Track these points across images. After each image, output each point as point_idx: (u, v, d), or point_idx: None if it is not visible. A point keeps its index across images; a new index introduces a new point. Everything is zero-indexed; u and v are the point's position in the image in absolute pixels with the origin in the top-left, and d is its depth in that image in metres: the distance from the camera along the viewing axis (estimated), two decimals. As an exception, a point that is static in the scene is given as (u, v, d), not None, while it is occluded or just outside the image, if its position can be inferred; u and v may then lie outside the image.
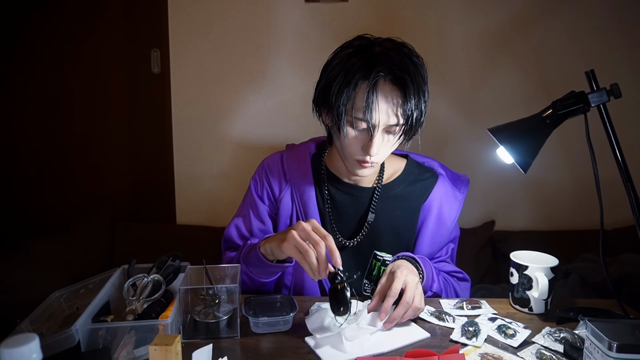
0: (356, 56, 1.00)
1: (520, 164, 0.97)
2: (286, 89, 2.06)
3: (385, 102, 0.98)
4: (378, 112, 0.98)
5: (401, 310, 0.94)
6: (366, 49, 1.01)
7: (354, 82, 0.98)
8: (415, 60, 1.01)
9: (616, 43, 1.98)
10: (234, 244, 1.22)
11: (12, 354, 0.53)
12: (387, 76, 0.98)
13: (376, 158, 1.04)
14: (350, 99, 0.99)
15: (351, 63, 1.00)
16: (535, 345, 0.92)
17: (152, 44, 2.06)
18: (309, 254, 0.91)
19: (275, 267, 1.05)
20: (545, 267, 1.02)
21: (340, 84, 0.99)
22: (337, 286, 0.89)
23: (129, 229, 2.08)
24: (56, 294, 0.95)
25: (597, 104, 0.92)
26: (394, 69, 0.98)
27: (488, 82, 2.04)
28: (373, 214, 1.16)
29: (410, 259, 1.07)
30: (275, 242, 1.00)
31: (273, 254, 1.03)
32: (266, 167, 1.23)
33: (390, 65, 0.98)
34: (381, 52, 1.00)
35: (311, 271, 0.92)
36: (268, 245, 1.03)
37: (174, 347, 0.74)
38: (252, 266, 1.07)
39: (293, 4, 2.00)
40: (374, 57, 0.99)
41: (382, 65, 0.98)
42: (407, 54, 1.01)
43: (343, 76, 0.99)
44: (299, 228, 0.94)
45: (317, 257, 0.91)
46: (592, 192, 0.95)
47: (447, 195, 1.19)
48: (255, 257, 1.05)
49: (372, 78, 0.97)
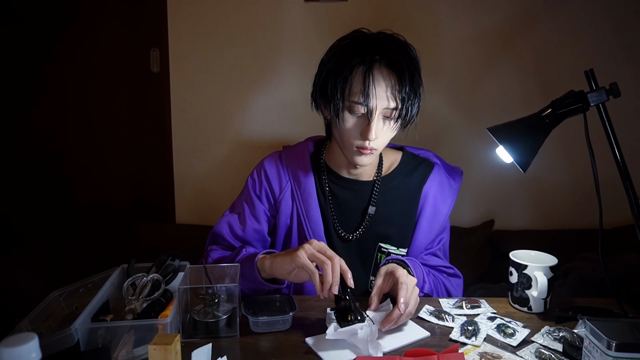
0: (352, 45, 1.04)
1: (519, 164, 0.97)
2: (286, 88, 2.06)
3: (381, 85, 1.00)
4: (375, 96, 1.00)
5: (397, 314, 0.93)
6: (361, 38, 1.05)
7: (350, 67, 1.01)
8: (409, 50, 1.04)
9: (615, 43, 1.98)
10: (223, 240, 1.21)
11: (12, 353, 0.53)
12: (382, 60, 1.00)
13: (375, 144, 1.05)
14: (347, 84, 1.01)
15: (347, 51, 1.03)
16: (534, 344, 0.92)
17: (151, 43, 2.06)
18: (314, 276, 0.94)
19: (267, 285, 1.06)
20: (545, 267, 1.02)
21: (336, 71, 1.02)
22: (343, 303, 0.91)
23: (128, 228, 2.08)
24: (55, 294, 0.95)
25: (596, 104, 0.92)
26: (388, 53, 1.01)
27: (487, 82, 2.04)
28: (374, 206, 1.17)
29: (400, 262, 1.07)
30: (281, 259, 1.00)
31: (272, 270, 1.02)
32: (265, 167, 1.22)
33: (385, 50, 1.01)
34: (376, 40, 1.03)
35: (319, 290, 0.93)
36: (268, 261, 1.02)
37: (174, 347, 0.74)
38: (243, 278, 1.06)
39: (293, 4, 2.00)
40: (369, 44, 1.02)
41: (377, 50, 1.00)
42: (401, 43, 1.04)
43: (339, 64, 1.02)
44: (307, 248, 0.96)
45: (325, 276, 0.92)
46: (592, 192, 0.95)
47: (442, 184, 1.20)
48: (249, 270, 1.05)
49: (367, 62, 1.00)
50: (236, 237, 1.20)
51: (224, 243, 1.21)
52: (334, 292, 0.92)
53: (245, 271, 1.05)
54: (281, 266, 0.99)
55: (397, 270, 0.98)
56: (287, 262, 0.98)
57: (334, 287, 0.92)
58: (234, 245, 1.20)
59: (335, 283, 0.92)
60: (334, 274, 0.92)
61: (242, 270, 1.05)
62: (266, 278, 1.05)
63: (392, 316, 0.93)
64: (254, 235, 1.19)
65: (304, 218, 1.17)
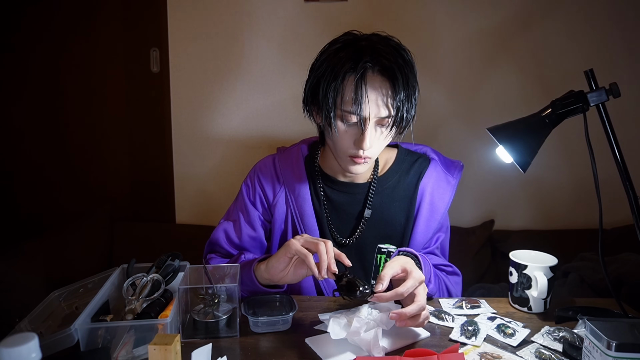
0: (343, 50, 1.00)
1: (519, 164, 0.97)
2: (286, 88, 2.06)
3: (374, 93, 0.97)
4: (368, 104, 0.97)
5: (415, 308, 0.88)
6: (353, 43, 1.01)
7: (342, 75, 0.97)
8: (403, 52, 1.00)
9: (615, 43, 1.98)
10: (220, 248, 1.20)
11: (11, 353, 0.53)
12: (375, 67, 0.97)
13: (369, 152, 1.03)
14: (338, 92, 0.98)
15: (338, 57, 0.99)
16: (534, 344, 0.92)
17: (151, 43, 2.06)
18: (308, 258, 0.92)
19: (266, 291, 1.05)
20: (545, 267, 1.02)
21: (328, 78, 0.99)
22: (345, 280, 0.90)
23: (128, 228, 2.08)
24: (55, 294, 0.95)
25: (596, 104, 0.92)
26: (381, 59, 0.97)
27: (487, 82, 2.04)
28: (370, 210, 1.15)
29: (412, 256, 1.04)
30: (275, 256, 1.00)
31: (269, 272, 1.01)
32: (259, 172, 1.20)
33: (377, 56, 0.97)
34: (368, 45, 0.99)
35: (316, 272, 0.92)
36: (263, 265, 1.02)
37: (174, 347, 0.74)
38: (243, 284, 1.06)
39: (292, 4, 2.00)
40: (361, 50, 0.98)
41: (369, 56, 0.97)
42: (394, 46, 1.00)
43: (330, 71, 0.99)
44: (298, 237, 0.96)
45: (320, 256, 0.92)
46: (591, 192, 0.95)
47: (439, 180, 1.17)
48: (247, 276, 1.05)
49: (359, 69, 0.96)
50: (233, 244, 1.19)
51: (222, 251, 1.21)
52: (332, 269, 0.91)
53: (244, 279, 1.05)
54: (277, 262, 0.99)
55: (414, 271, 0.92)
56: (281, 255, 0.97)
57: (332, 265, 0.91)
58: (231, 252, 1.20)
59: (332, 260, 0.91)
60: (329, 254, 0.91)
61: (241, 278, 1.04)
62: (265, 284, 1.05)
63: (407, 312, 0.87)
64: (250, 242, 1.19)
65: (299, 223, 1.15)
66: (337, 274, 0.92)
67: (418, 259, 1.04)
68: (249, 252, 1.19)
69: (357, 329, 0.87)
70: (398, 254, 1.04)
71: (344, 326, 0.90)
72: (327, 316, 0.97)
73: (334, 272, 0.91)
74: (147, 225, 2.11)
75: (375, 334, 0.86)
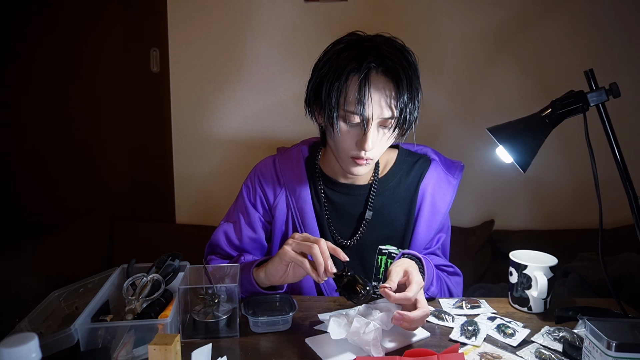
0: (347, 50, 0.99)
1: (519, 164, 0.97)
2: (286, 88, 2.06)
3: (377, 94, 0.97)
4: (371, 105, 0.96)
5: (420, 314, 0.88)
6: (357, 43, 1.00)
7: (345, 75, 0.96)
8: (407, 54, 1.00)
9: (615, 43, 1.98)
10: (221, 250, 1.20)
11: (11, 353, 0.53)
12: (379, 67, 0.97)
13: (371, 154, 1.02)
14: (341, 92, 0.97)
15: (342, 57, 0.98)
16: (534, 344, 0.92)
17: (151, 43, 2.06)
18: (304, 264, 0.93)
19: (266, 293, 1.05)
20: (545, 267, 1.02)
21: (331, 78, 0.98)
22: (345, 279, 0.90)
23: (128, 228, 2.08)
24: (55, 294, 0.95)
25: (596, 104, 0.92)
26: (385, 60, 0.96)
27: (487, 82, 2.04)
28: (370, 211, 1.15)
29: (415, 259, 1.03)
30: (271, 264, 1.00)
31: (268, 279, 1.02)
32: (259, 173, 1.20)
33: (381, 57, 0.96)
34: (372, 46, 0.98)
35: (315, 276, 0.92)
36: (262, 272, 1.02)
37: (174, 347, 0.74)
38: (242, 286, 1.06)
39: (292, 4, 2.00)
40: (365, 50, 0.97)
41: (373, 57, 0.96)
42: (398, 48, 1.00)
43: (334, 70, 0.98)
44: (290, 242, 0.96)
45: (315, 259, 0.91)
46: (591, 192, 0.95)
47: (440, 181, 1.17)
48: (246, 279, 1.05)
49: (363, 69, 0.95)
50: (233, 246, 1.19)
51: (222, 252, 1.21)
52: (330, 270, 0.90)
53: (243, 281, 1.05)
54: (274, 270, 0.99)
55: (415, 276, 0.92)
56: (277, 263, 0.98)
57: (328, 266, 0.90)
58: (231, 254, 1.20)
59: (328, 261, 0.90)
60: (324, 255, 0.91)
61: (240, 281, 1.04)
62: (265, 287, 1.05)
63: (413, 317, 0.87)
64: (250, 244, 1.18)
65: (299, 225, 1.15)
66: (336, 273, 0.92)
67: (421, 262, 1.04)
68: (249, 253, 1.19)
69: (357, 329, 0.87)
70: (402, 256, 1.04)
71: (344, 326, 0.90)
72: (327, 316, 0.97)
73: (332, 272, 0.91)
74: (147, 225, 2.11)
75: (376, 334, 0.86)
